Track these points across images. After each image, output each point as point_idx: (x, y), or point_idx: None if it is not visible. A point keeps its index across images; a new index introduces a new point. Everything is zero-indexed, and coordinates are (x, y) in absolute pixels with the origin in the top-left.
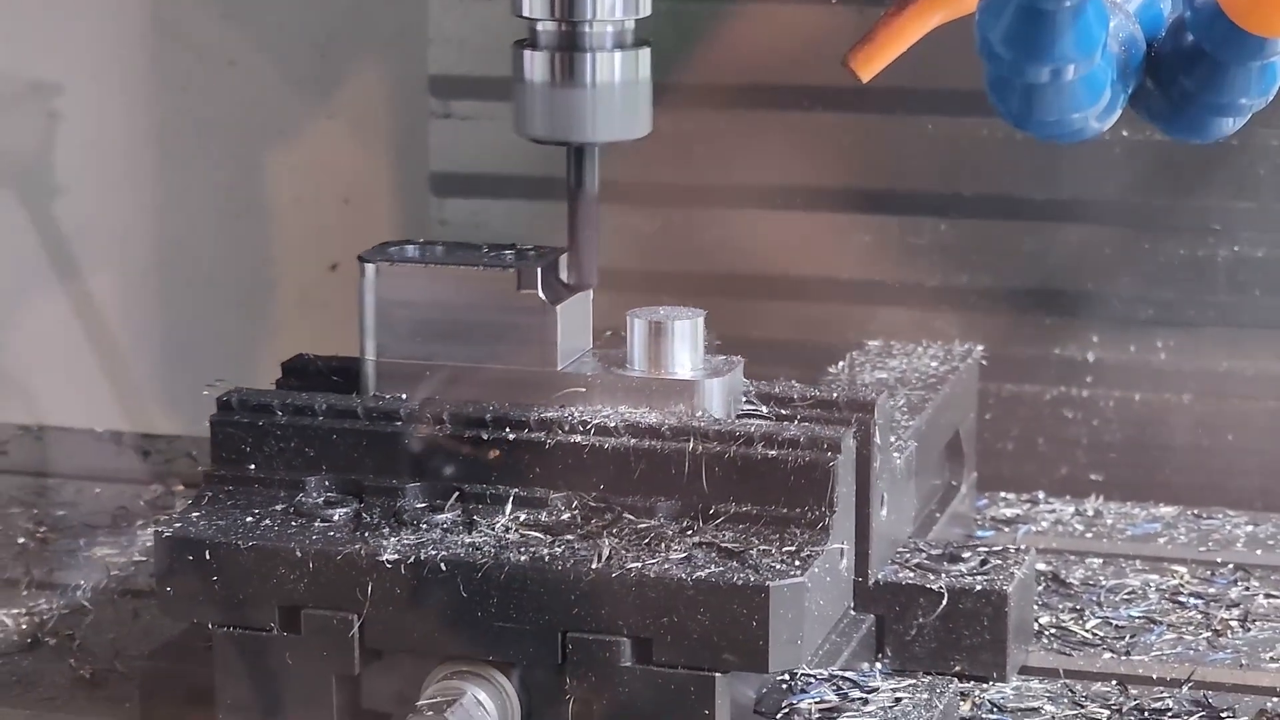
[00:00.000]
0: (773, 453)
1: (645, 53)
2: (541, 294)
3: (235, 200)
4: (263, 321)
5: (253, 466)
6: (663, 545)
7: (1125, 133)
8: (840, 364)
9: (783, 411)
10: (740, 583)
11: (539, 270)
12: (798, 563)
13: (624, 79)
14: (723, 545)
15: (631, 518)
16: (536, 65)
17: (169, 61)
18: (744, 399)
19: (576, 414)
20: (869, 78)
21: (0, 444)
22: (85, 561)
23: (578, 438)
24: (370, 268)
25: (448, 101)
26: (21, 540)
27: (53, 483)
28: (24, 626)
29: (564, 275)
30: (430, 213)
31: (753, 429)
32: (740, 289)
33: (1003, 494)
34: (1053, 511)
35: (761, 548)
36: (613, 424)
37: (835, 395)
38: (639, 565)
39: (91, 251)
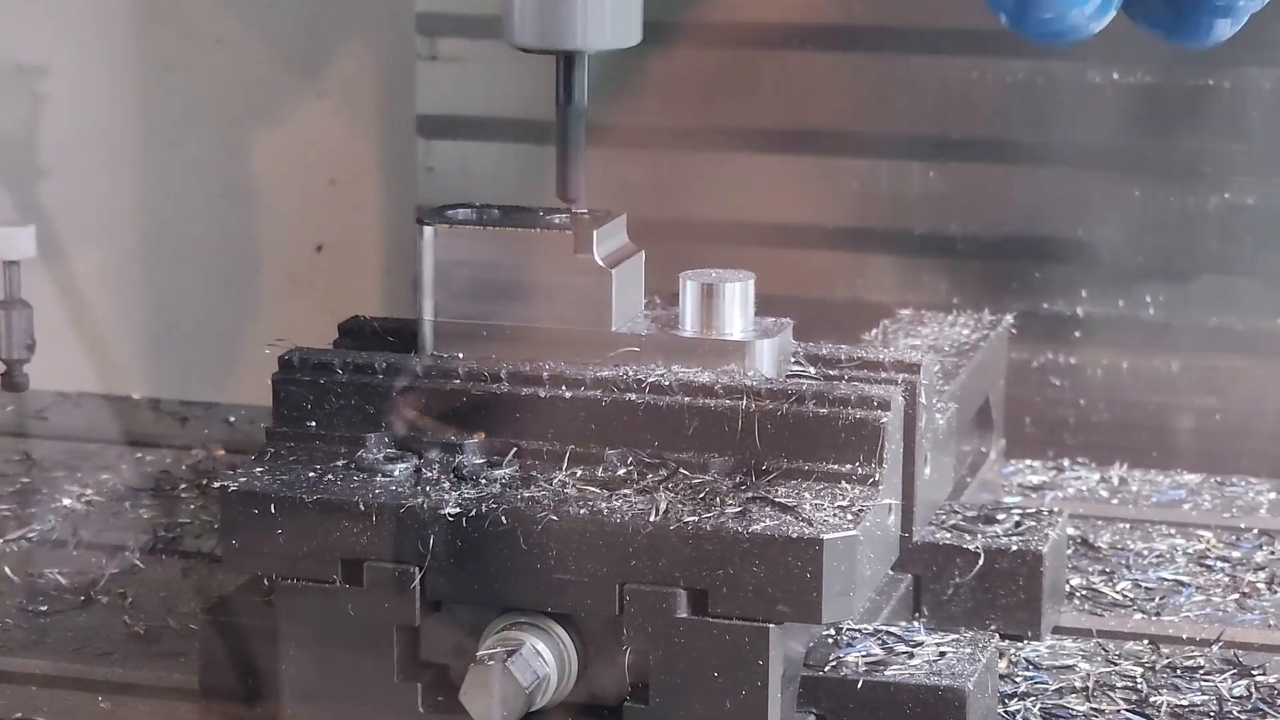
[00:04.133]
0: (824, 410)
1: None
2: (598, 257)
3: (221, 180)
4: (249, 302)
5: (313, 424)
6: (717, 500)
7: (1115, 75)
8: (874, 331)
9: (830, 372)
10: (795, 535)
11: (595, 234)
12: (850, 516)
13: None
14: (776, 500)
15: (686, 473)
16: None
17: (155, 40)
18: (793, 360)
19: (631, 373)
20: None
21: (39, 410)
22: (132, 523)
23: (632, 396)
24: (429, 230)
25: (434, 41)
26: (67, 503)
27: (93, 448)
28: (76, 585)
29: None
30: (418, 159)
31: (804, 387)
32: (726, 235)
33: (1028, 461)
34: (1078, 479)
35: (814, 502)
36: (666, 382)
37: (881, 356)
38: (695, 519)
39: (77, 233)
